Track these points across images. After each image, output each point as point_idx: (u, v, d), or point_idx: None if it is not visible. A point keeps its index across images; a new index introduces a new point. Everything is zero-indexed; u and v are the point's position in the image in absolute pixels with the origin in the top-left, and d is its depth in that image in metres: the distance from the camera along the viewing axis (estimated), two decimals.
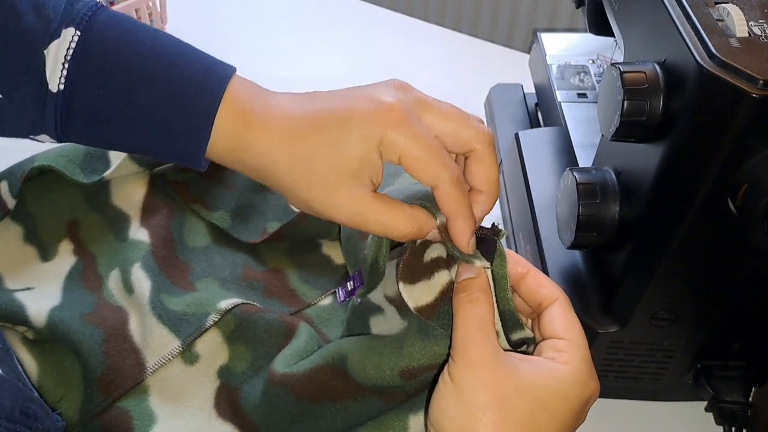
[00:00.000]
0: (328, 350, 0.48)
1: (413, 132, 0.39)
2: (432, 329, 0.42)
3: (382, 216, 0.40)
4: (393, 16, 0.99)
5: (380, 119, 0.39)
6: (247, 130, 0.41)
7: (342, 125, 0.40)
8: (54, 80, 0.41)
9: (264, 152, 0.41)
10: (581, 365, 0.39)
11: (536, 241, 0.56)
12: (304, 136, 0.40)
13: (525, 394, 0.37)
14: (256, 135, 0.41)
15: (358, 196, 0.40)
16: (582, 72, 0.68)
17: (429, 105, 0.41)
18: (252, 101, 0.42)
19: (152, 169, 0.66)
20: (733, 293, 0.47)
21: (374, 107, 0.39)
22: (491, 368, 0.37)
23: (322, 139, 0.40)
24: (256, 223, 0.65)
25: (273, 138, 0.40)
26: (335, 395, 0.46)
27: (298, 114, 0.41)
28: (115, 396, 0.53)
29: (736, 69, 0.37)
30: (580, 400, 0.38)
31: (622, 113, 0.42)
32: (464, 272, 0.41)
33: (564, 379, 0.38)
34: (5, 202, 0.62)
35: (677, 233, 0.43)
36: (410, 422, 0.43)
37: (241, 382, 0.54)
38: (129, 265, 0.59)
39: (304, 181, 0.40)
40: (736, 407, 0.51)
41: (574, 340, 0.40)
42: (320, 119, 0.40)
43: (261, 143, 0.41)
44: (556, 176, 0.59)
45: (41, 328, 0.55)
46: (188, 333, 0.54)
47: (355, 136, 0.39)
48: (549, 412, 0.37)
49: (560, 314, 0.40)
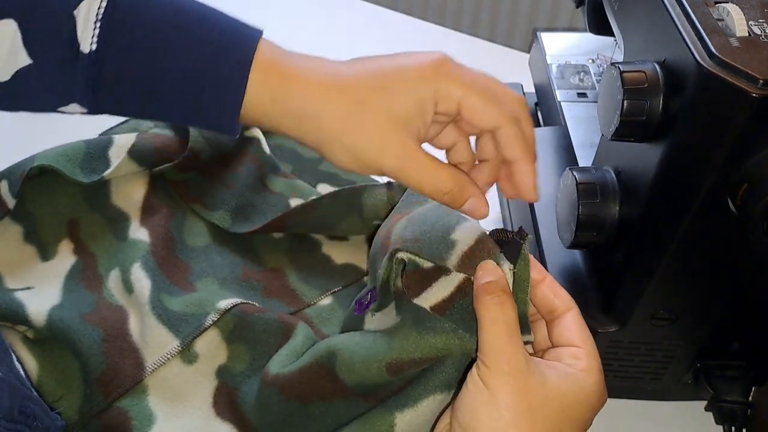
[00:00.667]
0: (318, 348, 0.48)
1: (467, 79, 0.40)
2: (431, 322, 0.42)
3: (429, 168, 0.41)
4: (393, 16, 0.99)
5: (434, 71, 0.40)
6: (285, 83, 0.40)
7: (396, 76, 0.40)
8: (86, 40, 0.40)
9: (308, 103, 0.40)
10: (598, 375, 0.40)
11: (536, 241, 0.56)
12: (355, 86, 0.40)
13: (553, 402, 0.38)
14: (298, 88, 0.40)
15: (408, 143, 0.40)
16: (582, 71, 0.68)
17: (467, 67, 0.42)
18: (286, 58, 0.41)
19: (152, 169, 0.66)
20: (733, 293, 0.47)
21: (427, 60, 0.40)
22: (524, 377, 0.38)
23: (376, 87, 0.40)
24: (256, 222, 0.65)
25: (318, 90, 0.40)
26: (324, 394, 0.46)
27: (342, 69, 0.41)
28: (114, 396, 0.52)
29: (736, 69, 0.37)
30: (596, 407, 0.40)
31: (622, 113, 0.42)
32: (486, 275, 0.41)
33: (586, 387, 0.39)
34: (5, 202, 0.62)
35: (677, 233, 0.43)
36: (396, 419, 0.43)
37: (239, 382, 0.54)
38: (129, 264, 0.59)
39: (354, 126, 0.40)
40: (736, 407, 0.51)
41: (591, 349, 0.41)
42: (371, 71, 0.41)
43: (304, 94, 0.40)
44: (556, 176, 0.59)
45: (41, 328, 0.55)
46: (187, 333, 0.54)
47: (411, 85, 0.40)
48: (571, 418, 0.38)
49: (577, 323, 0.41)
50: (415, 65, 0.40)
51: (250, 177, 0.67)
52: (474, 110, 0.40)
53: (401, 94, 0.40)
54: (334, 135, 0.40)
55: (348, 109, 0.40)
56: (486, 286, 0.41)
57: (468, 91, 0.40)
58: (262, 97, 0.41)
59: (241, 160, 0.69)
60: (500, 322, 0.39)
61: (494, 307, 0.39)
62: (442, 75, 0.40)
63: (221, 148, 0.68)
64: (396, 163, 0.40)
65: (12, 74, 0.40)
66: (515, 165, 0.42)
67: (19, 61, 0.40)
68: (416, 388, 0.44)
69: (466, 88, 0.40)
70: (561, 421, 0.38)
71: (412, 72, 0.40)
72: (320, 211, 0.63)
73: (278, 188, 0.69)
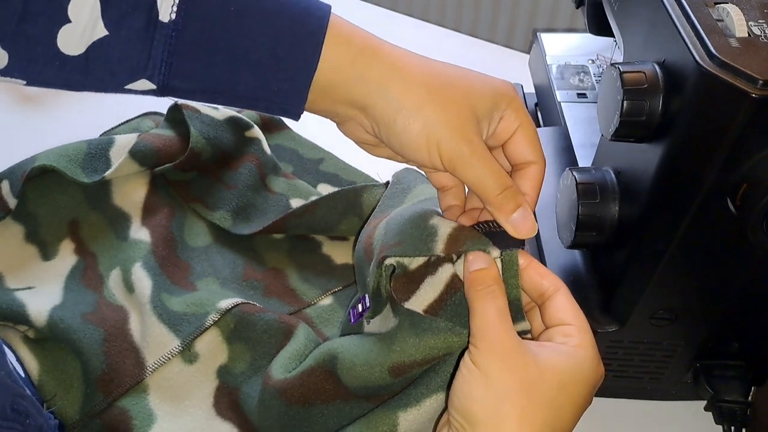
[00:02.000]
0: (320, 351, 0.48)
1: (528, 114, 0.44)
2: (428, 324, 0.43)
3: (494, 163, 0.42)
4: (393, 16, 0.99)
5: (507, 93, 0.43)
6: (366, 52, 0.41)
7: (476, 80, 0.43)
8: (166, 9, 0.39)
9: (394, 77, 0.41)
10: (592, 349, 0.40)
11: (536, 241, 0.57)
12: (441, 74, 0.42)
13: (549, 378, 0.38)
14: (383, 61, 0.41)
15: (480, 137, 0.42)
16: (582, 72, 0.68)
17: None
18: (363, 34, 0.42)
19: (153, 169, 0.66)
20: (732, 293, 0.47)
21: (502, 82, 0.43)
22: (516, 355, 0.38)
23: (461, 82, 0.42)
24: (257, 222, 0.65)
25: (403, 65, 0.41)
26: (326, 397, 0.46)
27: (424, 59, 0.43)
28: (114, 395, 0.53)
29: (736, 69, 0.37)
30: (592, 382, 0.40)
31: (621, 113, 0.42)
32: (475, 262, 0.42)
33: (580, 362, 0.39)
34: (6, 202, 0.62)
35: (677, 233, 0.43)
36: (399, 419, 0.43)
37: (240, 382, 0.54)
38: (130, 264, 0.59)
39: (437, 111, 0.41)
40: (735, 406, 0.51)
41: (582, 325, 0.41)
42: (453, 68, 0.43)
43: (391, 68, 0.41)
44: (555, 176, 0.59)
45: (42, 327, 0.55)
46: (188, 332, 0.55)
47: (490, 92, 0.42)
48: (568, 394, 0.38)
49: (566, 302, 0.41)
50: (492, 79, 0.43)
51: (251, 177, 0.68)
52: (526, 140, 0.43)
53: (483, 95, 0.42)
54: (413, 112, 0.41)
55: (433, 90, 0.41)
56: (477, 274, 0.41)
57: (527, 122, 0.43)
58: (342, 60, 0.41)
59: (241, 160, 0.69)
60: (491, 307, 0.40)
61: (485, 294, 0.40)
62: (514, 99, 0.43)
63: (222, 148, 0.68)
64: (467, 152, 0.41)
65: (87, 47, 0.39)
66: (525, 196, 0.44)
67: (96, 33, 0.39)
68: (419, 387, 0.44)
69: (526, 119, 0.43)
70: (558, 397, 0.38)
71: (491, 82, 0.43)
72: (320, 212, 0.63)
73: (279, 188, 0.69)
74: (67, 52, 0.39)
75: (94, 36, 0.39)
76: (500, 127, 0.43)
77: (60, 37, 0.39)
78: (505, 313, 0.40)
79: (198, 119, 0.67)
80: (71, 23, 0.39)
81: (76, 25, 0.39)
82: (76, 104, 0.80)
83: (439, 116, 0.41)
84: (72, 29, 0.39)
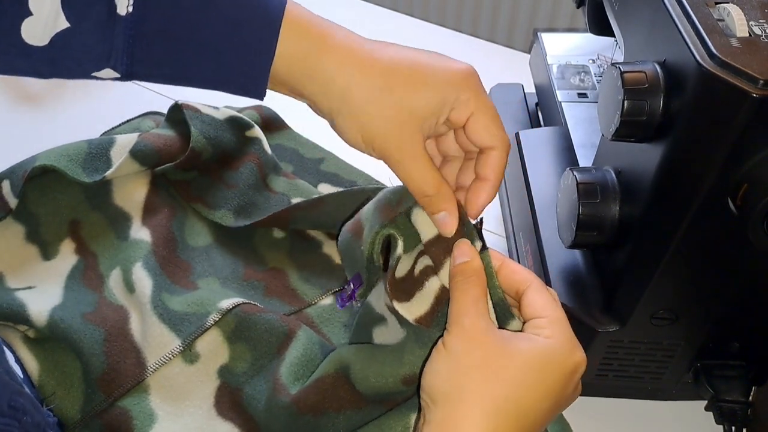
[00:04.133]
0: (331, 360, 0.49)
1: (485, 98, 0.43)
2: (429, 336, 0.43)
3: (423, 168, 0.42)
4: (393, 16, 0.99)
5: (461, 79, 0.42)
6: (319, 45, 0.42)
7: (428, 71, 0.42)
8: (122, 3, 0.41)
9: (339, 71, 0.42)
10: (562, 338, 0.40)
11: (536, 241, 0.57)
12: (387, 69, 0.42)
13: (513, 357, 0.39)
14: (331, 53, 0.42)
15: (417, 139, 0.42)
16: (582, 72, 0.68)
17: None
18: (319, 21, 0.43)
19: (153, 169, 0.66)
20: (733, 293, 0.47)
21: (457, 67, 0.43)
22: (481, 335, 0.39)
23: (406, 78, 0.42)
24: (259, 218, 0.65)
25: (351, 60, 0.42)
26: (340, 405, 0.47)
27: (376, 48, 0.42)
28: (115, 395, 0.53)
29: (737, 69, 0.37)
30: (566, 368, 0.40)
31: (622, 113, 0.42)
32: (459, 256, 0.42)
33: (547, 349, 0.39)
34: (7, 202, 0.62)
35: (677, 233, 0.43)
36: (411, 421, 0.43)
37: (242, 382, 0.54)
38: (130, 264, 0.59)
39: (376, 107, 0.41)
40: (736, 406, 0.51)
41: (553, 315, 0.41)
42: (405, 60, 0.42)
43: (337, 60, 0.42)
44: (556, 176, 0.59)
45: (42, 327, 0.55)
46: (189, 332, 0.55)
47: (438, 85, 0.42)
48: (537, 375, 0.39)
49: (536, 295, 0.42)
50: (446, 68, 0.42)
51: (252, 176, 0.67)
52: (482, 127, 0.43)
53: (428, 91, 0.42)
54: (354, 109, 0.42)
55: (376, 89, 0.41)
56: (460, 266, 0.42)
57: (482, 107, 0.42)
58: (295, 54, 0.42)
59: (242, 159, 0.69)
60: (467, 295, 0.41)
61: (463, 283, 0.41)
62: (469, 86, 0.42)
63: (222, 147, 0.68)
64: (397, 154, 0.42)
65: (50, 38, 0.41)
66: (482, 183, 0.44)
67: (58, 24, 0.40)
68: None
69: (481, 104, 0.42)
70: (524, 378, 0.38)
71: (442, 73, 0.42)
72: (326, 209, 0.63)
73: (279, 188, 0.69)
74: (32, 43, 0.41)
75: (57, 27, 0.40)
76: (452, 116, 0.43)
77: (24, 29, 0.40)
78: (479, 300, 0.41)
79: (198, 119, 0.67)
80: (33, 16, 0.40)
81: (38, 17, 0.40)
82: (77, 104, 0.80)
83: (375, 119, 0.41)
84: (34, 21, 0.40)
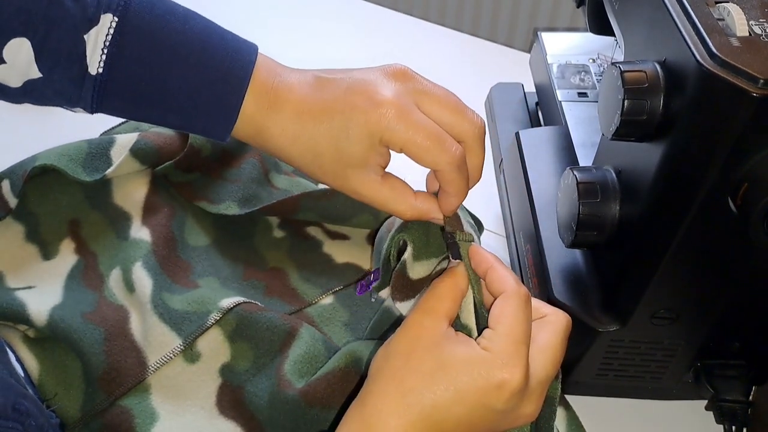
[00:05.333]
0: (343, 354, 0.49)
1: (412, 123, 0.42)
2: None
3: (389, 202, 0.45)
4: (393, 15, 0.99)
5: (379, 117, 0.42)
6: (267, 114, 0.44)
7: (343, 122, 0.43)
8: (93, 64, 0.44)
9: (279, 139, 0.45)
10: (499, 351, 0.39)
11: (537, 240, 0.57)
12: (311, 129, 0.44)
13: (433, 352, 0.39)
14: (273, 120, 0.44)
15: (366, 182, 0.44)
16: (582, 71, 0.68)
17: (428, 92, 0.44)
18: (273, 84, 0.45)
19: (154, 168, 0.66)
20: (733, 292, 0.47)
21: (373, 106, 0.42)
22: (417, 331, 0.40)
23: (327, 134, 0.43)
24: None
25: (286, 125, 0.44)
26: (349, 399, 0.47)
27: (307, 101, 0.44)
28: (116, 394, 0.53)
29: (737, 68, 0.37)
30: (489, 379, 0.38)
31: (622, 112, 0.42)
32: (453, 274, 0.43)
33: (474, 358, 0.39)
34: (7, 201, 0.62)
35: (677, 232, 0.43)
36: None
37: (244, 380, 0.54)
38: (130, 263, 0.59)
39: (315, 169, 0.45)
40: (736, 406, 0.51)
41: (502, 329, 0.40)
42: (324, 112, 0.43)
43: (277, 130, 0.44)
44: (556, 175, 0.59)
45: (42, 327, 0.55)
46: (189, 331, 0.55)
47: (357, 134, 0.43)
48: (449, 376, 0.39)
49: (498, 306, 0.41)
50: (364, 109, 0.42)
51: (254, 171, 0.67)
52: (414, 155, 0.43)
53: (350, 142, 0.43)
54: (304, 170, 0.46)
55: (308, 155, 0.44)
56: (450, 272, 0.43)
57: (410, 137, 0.42)
58: (255, 113, 0.45)
59: (243, 157, 0.69)
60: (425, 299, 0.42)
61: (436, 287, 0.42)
62: (389, 119, 0.42)
63: (222, 145, 0.68)
64: (361, 197, 0.45)
65: (23, 83, 0.44)
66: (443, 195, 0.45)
67: (31, 73, 0.44)
68: None
69: (409, 133, 0.42)
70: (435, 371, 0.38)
71: (361, 118, 0.42)
72: (336, 201, 0.63)
73: (282, 185, 0.69)
74: (6, 84, 0.44)
75: (30, 75, 0.44)
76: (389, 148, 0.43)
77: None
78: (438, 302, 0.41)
79: None
80: (6, 64, 0.43)
81: (11, 66, 0.43)
82: None
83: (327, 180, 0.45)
84: (8, 69, 0.43)
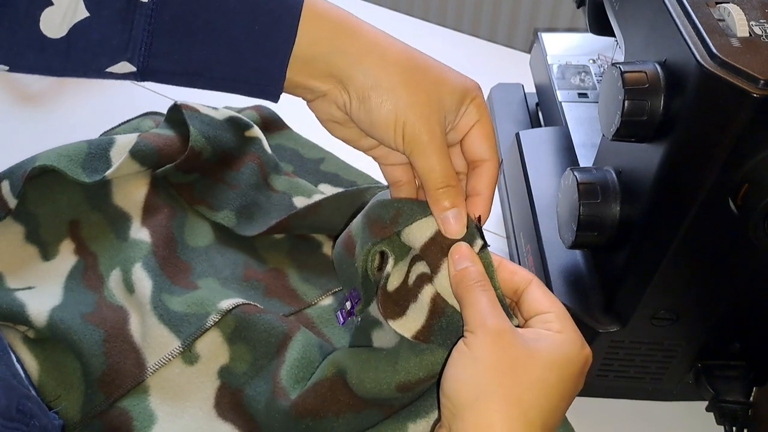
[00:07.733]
0: (328, 363, 0.49)
1: (488, 112, 0.45)
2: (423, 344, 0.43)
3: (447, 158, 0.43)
4: (393, 16, 0.99)
5: (473, 90, 0.44)
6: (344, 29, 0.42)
7: (448, 76, 0.43)
8: None
9: (373, 49, 0.42)
10: (573, 333, 0.40)
11: (537, 241, 0.56)
12: (411, 58, 0.43)
13: (537, 358, 0.38)
14: (361, 37, 0.42)
15: (443, 130, 0.43)
16: (583, 72, 0.68)
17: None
18: (338, 11, 0.43)
19: (154, 170, 0.66)
20: (733, 293, 0.47)
21: (469, 81, 0.44)
22: (508, 336, 0.38)
23: (433, 75, 0.43)
24: (260, 221, 0.65)
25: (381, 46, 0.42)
26: (339, 408, 0.47)
27: (401, 45, 0.43)
28: (115, 396, 0.53)
29: (737, 69, 0.37)
30: (580, 363, 0.40)
31: (622, 113, 0.42)
32: (461, 261, 0.42)
33: (564, 344, 0.40)
34: (7, 202, 0.62)
35: (678, 233, 0.43)
36: (409, 430, 0.43)
37: (242, 382, 0.54)
38: (130, 264, 0.59)
39: (410, 92, 0.42)
40: (736, 407, 0.51)
41: (560, 311, 0.41)
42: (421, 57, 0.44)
43: (369, 43, 0.42)
44: (556, 176, 0.59)
45: (42, 328, 0.55)
46: (189, 333, 0.55)
47: (456, 88, 0.43)
48: (557, 375, 0.39)
49: (540, 292, 0.42)
50: (459, 76, 0.44)
51: (253, 176, 0.68)
52: (482, 136, 0.44)
53: (452, 89, 0.43)
54: (391, 84, 0.42)
55: (408, 70, 0.42)
56: (464, 272, 0.42)
57: (486, 119, 0.44)
58: (320, 34, 0.42)
59: (242, 160, 0.69)
60: (482, 296, 0.40)
61: (474, 287, 0.41)
62: (477, 96, 0.44)
63: (222, 147, 0.68)
64: (426, 140, 0.42)
65: (68, 30, 0.40)
66: (477, 198, 0.44)
67: (77, 14, 0.40)
68: (428, 400, 0.44)
69: (486, 116, 0.44)
70: (548, 378, 0.38)
71: (460, 79, 0.44)
72: (323, 213, 0.63)
73: (281, 187, 0.69)
74: (49, 35, 0.40)
75: (76, 17, 0.40)
76: (462, 121, 0.44)
77: (42, 20, 0.39)
78: (495, 302, 0.40)
79: (197, 119, 0.67)
80: (53, 5, 0.39)
81: (58, 6, 0.39)
82: (77, 104, 0.80)
83: (410, 99, 0.42)
84: (54, 11, 0.39)
